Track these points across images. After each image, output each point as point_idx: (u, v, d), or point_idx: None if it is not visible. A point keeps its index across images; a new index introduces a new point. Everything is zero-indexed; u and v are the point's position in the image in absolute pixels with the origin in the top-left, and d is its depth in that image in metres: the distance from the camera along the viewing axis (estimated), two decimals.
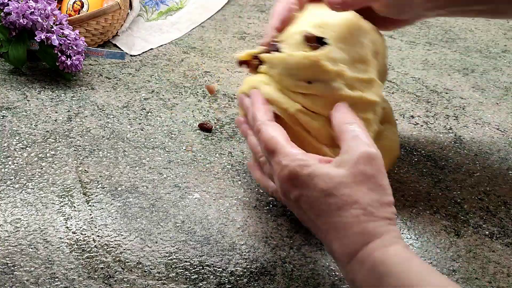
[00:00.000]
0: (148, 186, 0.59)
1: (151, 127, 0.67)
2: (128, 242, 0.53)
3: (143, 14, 0.90)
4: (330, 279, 0.51)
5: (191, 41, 0.85)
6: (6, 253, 0.51)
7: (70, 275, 0.50)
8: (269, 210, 0.57)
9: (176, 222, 0.55)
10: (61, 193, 0.58)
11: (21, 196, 0.57)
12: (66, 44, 0.71)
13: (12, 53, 0.72)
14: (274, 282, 0.51)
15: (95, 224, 0.55)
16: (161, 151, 0.64)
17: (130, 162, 0.62)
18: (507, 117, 0.72)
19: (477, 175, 0.63)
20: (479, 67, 0.82)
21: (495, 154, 0.66)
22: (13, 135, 0.64)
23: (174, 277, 0.50)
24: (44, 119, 0.67)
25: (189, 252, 0.53)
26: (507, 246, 0.55)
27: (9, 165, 0.60)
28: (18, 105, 0.69)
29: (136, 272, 0.50)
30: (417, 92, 0.76)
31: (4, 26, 0.71)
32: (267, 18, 0.91)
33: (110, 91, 0.73)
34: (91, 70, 0.76)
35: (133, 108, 0.70)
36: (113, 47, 0.83)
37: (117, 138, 0.65)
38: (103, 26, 0.80)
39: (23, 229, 0.53)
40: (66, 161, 0.61)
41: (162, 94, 0.73)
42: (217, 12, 0.92)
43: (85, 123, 0.67)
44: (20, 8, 0.69)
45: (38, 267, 0.50)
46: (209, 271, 0.51)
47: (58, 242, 0.52)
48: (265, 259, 0.52)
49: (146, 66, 0.78)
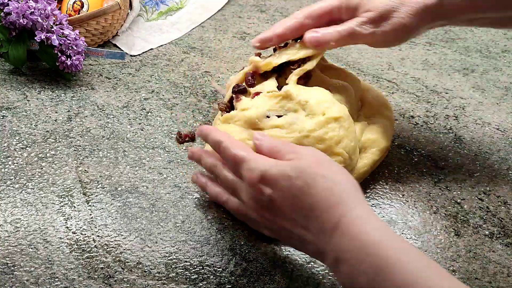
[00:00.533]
0: (148, 186, 0.59)
1: (151, 127, 0.67)
2: (128, 242, 0.53)
3: (143, 14, 0.90)
4: (330, 279, 0.51)
5: (191, 41, 0.85)
6: (6, 253, 0.51)
7: (70, 275, 0.50)
8: None
9: (176, 222, 0.55)
10: (61, 193, 0.58)
11: (21, 196, 0.57)
12: (66, 44, 0.71)
13: (12, 53, 0.72)
14: (274, 282, 0.51)
15: (95, 224, 0.55)
16: (161, 151, 0.64)
17: (130, 162, 0.62)
18: (507, 117, 0.72)
19: (477, 175, 0.63)
20: (479, 67, 0.82)
21: (495, 154, 0.66)
22: (13, 135, 0.64)
23: (174, 277, 0.50)
24: (44, 119, 0.67)
25: (189, 252, 0.53)
26: (507, 246, 0.55)
27: (9, 165, 0.60)
28: (18, 105, 0.69)
29: (136, 272, 0.50)
30: (417, 92, 0.76)
31: (4, 26, 0.71)
32: (267, 18, 0.91)
33: (110, 91, 0.73)
34: (91, 70, 0.76)
35: (133, 108, 0.70)
36: (113, 47, 0.83)
37: (117, 138, 0.65)
38: (103, 26, 0.80)
39: (23, 229, 0.53)
40: (66, 161, 0.61)
41: (162, 94, 0.73)
42: (217, 12, 0.92)
43: (85, 123, 0.67)
44: (20, 8, 0.69)
45: (38, 267, 0.50)
46: (209, 271, 0.51)
47: (58, 242, 0.52)
48: (265, 259, 0.52)
49: (146, 66, 0.78)
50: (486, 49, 0.86)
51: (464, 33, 0.90)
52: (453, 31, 0.91)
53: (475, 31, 0.91)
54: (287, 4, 0.96)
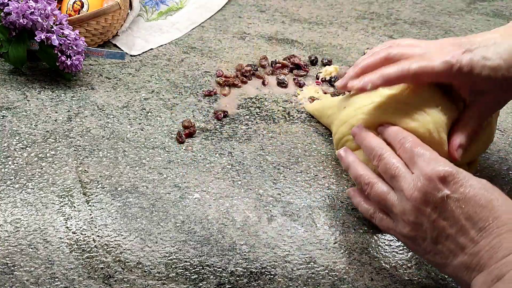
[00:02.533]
0: (148, 186, 0.59)
1: (151, 127, 0.67)
2: (128, 242, 0.53)
3: (143, 14, 0.90)
4: (330, 279, 0.51)
5: (191, 41, 0.85)
6: (6, 253, 0.51)
7: (70, 275, 0.50)
8: (269, 210, 0.58)
9: (176, 222, 0.55)
10: (61, 193, 0.58)
11: (21, 196, 0.57)
12: (66, 44, 0.71)
13: (12, 53, 0.72)
14: (274, 282, 0.51)
15: (95, 224, 0.55)
16: (161, 151, 0.64)
17: (130, 162, 0.62)
18: (507, 117, 0.72)
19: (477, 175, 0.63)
20: None
21: (495, 154, 0.66)
22: (13, 135, 0.64)
23: (174, 277, 0.50)
24: (44, 119, 0.67)
25: (189, 252, 0.53)
26: None
27: (9, 165, 0.60)
28: (18, 105, 0.69)
29: (136, 272, 0.51)
30: None
31: (4, 26, 0.71)
32: (267, 18, 0.91)
33: (110, 91, 0.73)
34: (91, 70, 0.76)
35: (133, 108, 0.70)
36: (113, 47, 0.83)
37: (117, 138, 0.65)
38: (103, 26, 0.79)
39: (23, 229, 0.54)
40: (66, 161, 0.61)
41: (162, 94, 0.73)
42: (217, 12, 0.92)
43: (85, 123, 0.67)
44: (20, 8, 0.69)
45: (38, 267, 0.50)
46: (209, 271, 0.51)
47: (58, 242, 0.52)
48: (265, 259, 0.52)
49: (146, 66, 0.78)
50: None
51: (464, 33, 0.90)
52: (453, 31, 0.91)
53: (475, 31, 0.91)
54: (287, 4, 0.96)
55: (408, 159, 0.50)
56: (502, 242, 0.43)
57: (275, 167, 0.63)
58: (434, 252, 0.47)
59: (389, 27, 0.92)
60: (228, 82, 0.75)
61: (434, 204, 0.46)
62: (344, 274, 0.52)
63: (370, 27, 0.91)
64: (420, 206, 0.47)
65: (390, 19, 0.93)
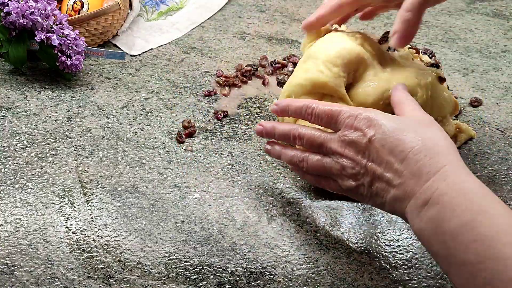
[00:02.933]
0: (148, 186, 0.59)
1: (151, 127, 0.67)
2: (128, 242, 0.53)
3: (143, 14, 0.90)
4: (330, 279, 0.51)
5: (191, 41, 0.85)
6: (6, 253, 0.51)
7: (70, 275, 0.50)
8: (269, 210, 0.58)
9: (176, 222, 0.55)
10: (61, 193, 0.58)
11: (21, 196, 0.57)
12: (66, 44, 0.71)
13: (12, 53, 0.72)
14: (274, 282, 0.51)
15: (95, 224, 0.55)
16: (161, 151, 0.64)
17: (130, 162, 0.62)
18: (507, 117, 0.72)
19: (477, 175, 0.63)
20: (479, 67, 0.82)
21: (495, 154, 0.66)
22: (13, 135, 0.64)
23: (174, 277, 0.50)
24: (44, 119, 0.67)
25: (189, 252, 0.53)
26: None
27: (9, 165, 0.60)
28: (18, 105, 0.69)
29: (136, 272, 0.51)
30: None
31: (4, 26, 0.71)
32: (267, 18, 0.91)
33: (110, 91, 0.73)
34: (91, 70, 0.76)
35: (133, 108, 0.70)
36: (113, 47, 0.83)
37: (117, 138, 0.65)
38: (103, 26, 0.80)
39: (23, 229, 0.54)
40: (66, 161, 0.61)
41: (162, 94, 0.73)
42: (217, 12, 0.92)
43: (85, 123, 0.67)
44: (20, 8, 0.69)
45: (38, 267, 0.50)
46: (209, 271, 0.51)
47: (58, 242, 0.52)
48: (265, 259, 0.53)
49: (146, 66, 0.78)
50: (486, 49, 0.86)
51: (464, 33, 0.90)
52: (453, 31, 0.91)
53: (475, 31, 0.91)
54: (287, 4, 0.96)
55: (325, 123, 0.53)
56: (421, 168, 0.46)
57: (275, 167, 0.63)
58: (372, 195, 0.50)
59: (389, 27, 0.92)
60: (228, 82, 0.75)
61: (363, 150, 0.49)
62: (344, 274, 0.52)
63: (370, 27, 0.91)
64: (354, 158, 0.50)
65: (390, 19, 0.93)
